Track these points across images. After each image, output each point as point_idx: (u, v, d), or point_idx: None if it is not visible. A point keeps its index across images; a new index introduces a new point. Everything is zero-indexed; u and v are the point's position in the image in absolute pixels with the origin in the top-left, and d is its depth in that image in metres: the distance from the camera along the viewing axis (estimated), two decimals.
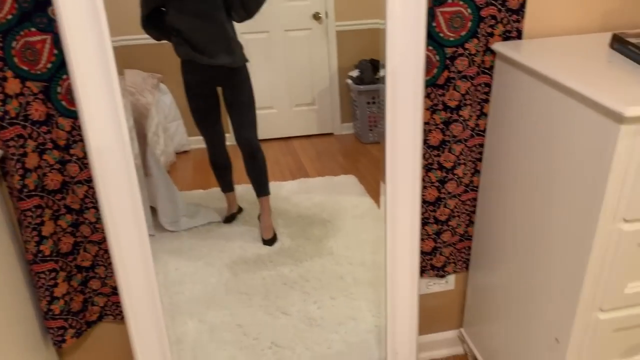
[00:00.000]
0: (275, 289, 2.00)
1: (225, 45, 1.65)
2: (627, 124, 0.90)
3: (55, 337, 1.30)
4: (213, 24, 1.61)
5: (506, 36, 1.26)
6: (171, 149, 2.62)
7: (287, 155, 2.67)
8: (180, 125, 2.56)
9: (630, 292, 1.07)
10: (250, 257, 2.18)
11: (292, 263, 2.13)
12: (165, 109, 2.57)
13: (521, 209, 1.24)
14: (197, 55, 1.66)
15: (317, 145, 2.70)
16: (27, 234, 1.17)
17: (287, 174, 2.58)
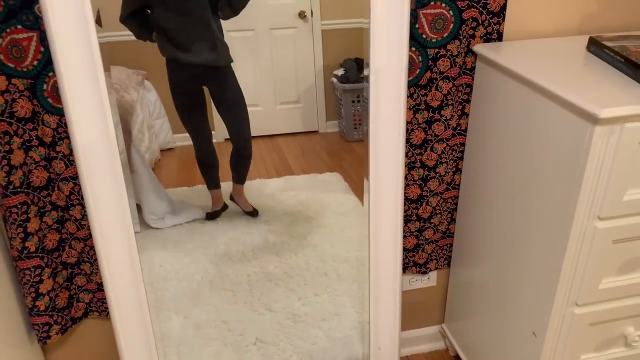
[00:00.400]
0: (260, 286, 2.01)
1: (211, 43, 1.65)
2: (602, 125, 0.94)
3: (41, 333, 1.30)
4: (199, 22, 1.61)
5: (487, 38, 1.29)
6: (156, 146, 2.61)
7: (273, 153, 2.68)
8: (165, 122, 2.56)
9: (605, 287, 1.11)
10: (235, 254, 2.19)
11: (276, 260, 2.14)
12: (150, 106, 2.56)
13: (500, 207, 1.27)
14: (182, 54, 1.66)
15: (302, 143, 2.71)
16: (13, 231, 1.17)
17: (272, 172, 2.58)
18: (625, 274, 1.11)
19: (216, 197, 2.23)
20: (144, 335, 1.38)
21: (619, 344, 1.20)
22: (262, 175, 2.54)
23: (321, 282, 1.99)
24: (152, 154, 2.54)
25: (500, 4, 1.26)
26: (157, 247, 2.18)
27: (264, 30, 2.09)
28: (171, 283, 1.99)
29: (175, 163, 2.62)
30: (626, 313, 1.15)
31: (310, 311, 1.86)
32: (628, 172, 0.99)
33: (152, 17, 1.56)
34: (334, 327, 1.78)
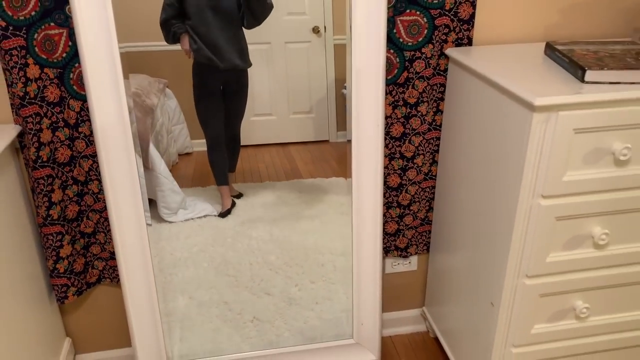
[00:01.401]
0: (261, 273, 2.17)
1: (238, 49, 1.83)
2: (538, 112, 1.09)
3: (59, 293, 1.48)
4: (230, 30, 1.79)
5: (458, 43, 1.46)
6: (174, 149, 2.80)
7: (284, 159, 2.85)
8: (184, 128, 2.75)
9: (552, 261, 1.24)
10: (241, 246, 2.35)
11: (278, 252, 2.30)
12: (169, 112, 2.76)
13: (470, 196, 1.42)
14: (215, 58, 1.85)
15: (312, 151, 2.87)
16: (39, 200, 1.37)
17: (282, 176, 2.76)
18: (570, 250, 1.24)
19: (225, 194, 2.40)
20: (149, 301, 1.56)
21: (569, 316, 1.33)
22: (272, 179, 2.71)
23: (318, 271, 2.14)
24: (170, 156, 2.73)
25: (470, 13, 1.42)
26: (170, 238, 2.36)
27: (279, 44, 2.22)
28: (180, 269, 2.16)
29: (192, 166, 2.81)
30: (574, 286, 1.28)
31: (304, 296, 2.01)
32: (566, 156, 1.13)
33: (189, 23, 1.75)
34: (325, 310, 1.93)
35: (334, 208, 2.64)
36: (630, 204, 1.20)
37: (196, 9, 1.74)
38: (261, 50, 2.17)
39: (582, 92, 1.09)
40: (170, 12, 1.74)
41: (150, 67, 2.54)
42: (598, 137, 1.13)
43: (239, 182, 2.45)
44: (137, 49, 2.33)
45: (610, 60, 1.18)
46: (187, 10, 1.74)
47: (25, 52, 1.25)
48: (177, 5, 1.73)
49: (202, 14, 1.75)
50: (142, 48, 2.29)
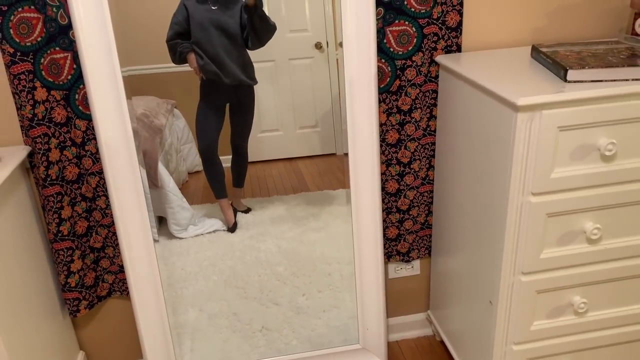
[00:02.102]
0: (269, 284, 2.21)
1: (243, 67, 1.89)
2: (522, 112, 1.13)
3: (71, 307, 1.53)
4: (235, 50, 1.86)
5: (448, 50, 1.50)
6: (183, 168, 2.87)
7: (291, 173, 2.90)
8: (193, 147, 2.81)
9: (546, 257, 1.27)
10: (249, 258, 2.40)
11: (286, 263, 2.34)
12: (178, 132, 2.83)
13: (466, 198, 1.45)
14: (221, 75, 1.91)
15: (319, 164, 2.92)
16: (50, 217, 1.42)
17: (290, 190, 2.80)
18: (564, 245, 1.27)
19: (225, 206, 2.44)
20: (158, 312, 1.60)
21: (568, 312, 1.35)
22: (280, 193, 2.76)
23: (325, 281, 2.18)
24: (179, 175, 2.80)
25: (457, 20, 1.47)
26: (181, 254, 2.41)
27: (283, 61, 2.27)
28: (190, 283, 2.21)
29: (201, 184, 2.87)
30: (571, 282, 1.31)
31: (312, 304, 2.04)
32: (552, 153, 1.17)
33: (194, 42, 1.81)
34: (333, 317, 1.96)
35: (340, 218, 2.67)
36: (620, 198, 1.23)
37: (201, 28, 1.81)
38: (266, 67, 2.22)
39: (564, 90, 1.12)
40: (177, 29, 1.81)
41: (158, 89, 2.61)
42: (583, 133, 1.16)
43: (247, 197, 2.50)
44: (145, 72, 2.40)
45: (592, 59, 1.22)
46: (192, 29, 1.81)
47: (33, 76, 1.32)
48: (184, 24, 1.80)
49: (206, 33, 1.82)
50: (150, 70, 2.37)
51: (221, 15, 1.81)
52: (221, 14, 1.81)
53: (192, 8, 1.78)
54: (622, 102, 1.14)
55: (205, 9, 1.80)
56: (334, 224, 2.63)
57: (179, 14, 1.76)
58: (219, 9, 1.81)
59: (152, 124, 2.60)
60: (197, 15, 1.80)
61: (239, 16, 1.79)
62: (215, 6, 1.81)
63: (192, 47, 1.85)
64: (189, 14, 1.79)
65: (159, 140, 2.58)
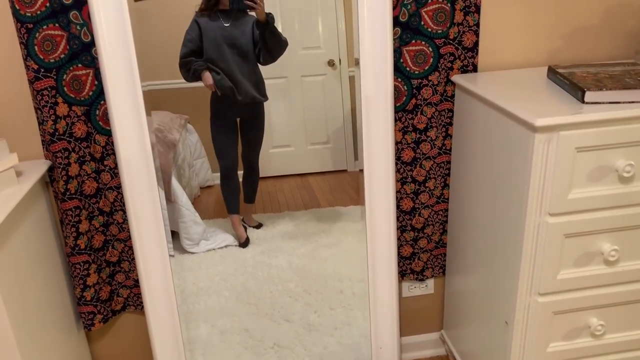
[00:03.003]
0: (281, 301, 2.20)
1: (255, 83, 1.91)
2: (540, 133, 1.13)
3: (86, 321, 1.54)
4: (247, 66, 1.88)
5: (464, 69, 1.51)
6: (196, 183, 2.89)
7: (302, 190, 2.91)
8: (205, 162, 2.84)
9: (563, 277, 1.26)
10: (261, 274, 2.40)
11: (297, 280, 2.33)
12: (191, 146, 2.86)
13: (482, 218, 1.45)
14: (236, 92, 1.93)
15: (330, 181, 2.93)
16: (67, 230, 1.44)
17: (301, 206, 2.81)
18: (581, 267, 1.26)
19: (237, 222, 2.44)
20: (172, 327, 1.60)
21: (585, 334, 1.34)
22: (291, 209, 2.77)
23: (337, 298, 2.17)
24: (192, 189, 2.82)
25: (473, 41, 1.48)
26: (192, 269, 2.41)
27: (295, 78, 2.29)
28: (202, 298, 2.21)
29: (214, 198, 2.88)
30: (588, 303, 1.30)
31: (324, 322, 2.03)
32: (569, 174, 1.17)
33: (208, 59, 1.83)
34: (345, 335, 1.95)
35: (352, 235, 2.67)
36: (638, 220, 1.22)
37: (214, 45, 1.83)
38: (278, 84, 2.24)
39: (582, 112, 1.13)
40: (190, 47, 1.83)
41: (172, 104, 2.64)
42: (600, 155, 1.16)
43: (259, 213, 2.51)
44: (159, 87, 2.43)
45: (610, 81, 1.22)
46: (205, 47, 1.83)
47: (55, 92, 1.34)
48: (198, 41, 1.82)
49: (219, 49, 1.84)
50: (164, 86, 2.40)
51: (233, 31, 1.83)
52: (233, 30, 1.83)
53: (205, 25, 1.80)
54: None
55: (218, 25, 1.82)
56: (346, 241, 2.63)
57: (191, 31, 1.79)
58: (231, 25, 1.83)
59: (166, 139, 2.62)
60: (209, 33, 1.82)
61: (250, 32, 1.81)
62: (227, 23, 1.83)
63: (207, 66, 1.88)
64: (201, 31, 1.81)
65: (172, 155, 2.60)
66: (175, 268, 1.99)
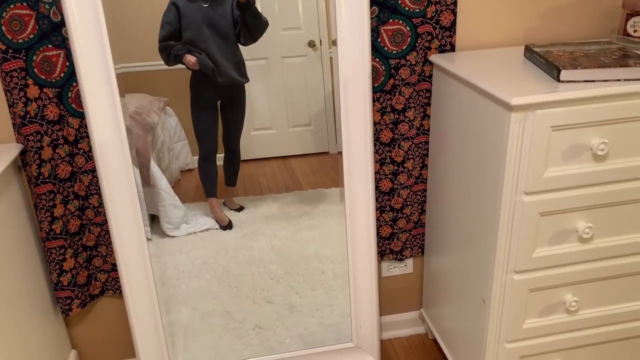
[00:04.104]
0: (262, 283, 2.20)
1: (236, 65, 1.88)
2: (516, 112, 1.13)
3: (64, 306, 1.53)
4: (227, 48, 1.85)
5: (441, 49, 1.51)
6: (176, 166, 2.86)
7: (284, 172, 2.90)
8: (185, 145, 2.80)
9: (538, 255, 1.28)
10: (242, 257, 2.39)
11: (279, 262, 2.33)
12: (170, 130, 2.82)
13: (459, 197, 1.46)
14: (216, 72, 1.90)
15: (312, 163, 2.92)
16: (42, 215, 1.42)
17: (283, 188, 2.80)
18: (556, 244, 1.28)
19: (214, 205, 2.42)
20: (151, 310, 1.60)
21: (560, 310, 1.36)
22: (273, 191, 2.76)
23: (318, 279, 2.18)
24: (172, 173, 2.79)
25: (451, 20, 1.47)
26: (173, 252, 2.40)
27: (276, 59, 2.26)
28: (183, 281, 2.20)
29: (194, 182, 2.86)
30: (563, 280, 1.32)
31: (305, 303, 2.04)
32: (545, 153, 1.17)
33: (187, 40, 1.79)
34: (326, 316, 1.96)
35: (333, 217, 2.68)
36: (612, 198, 1.24)
37: (193, 26, 1.80)
38: (259, 65, 2.21)
39: (557, 90, 1.13)
40: (169, 29, 1.79)
41: (150, 86, 2.60)
42: (575, 133, 1.17)
43: (240, 196, 2.50)
44: (137, 69, 2.39)
45: (585, 59, 1.22)
46: (184, 28, 1.80)
47: (25, 74, 1.31)
48: (176, 24, 1.79)
49: (199, 31, 1.81)
50: (142, 68, 2.35)
51: (213, 12, 1.80)
52: (212, 11, 1.79)
53: (184, 6, 1.77)
54: (614, 102, 1.14)
55: (197, 7, 1.79)
56: (328, 223, 2.64)
57: (169, 13, 1.75)
58: (210, 6, 1.80)
59: (144, 122, 2.59)
60: (188, 14, 1.78)
61: (230, 12, 1.78)
62: (206, 3, 1.79)
63: (187, 49, 1.85)
64: (180, 13, 1.78)
65: (151, 138, 2.56)
66: (156, 252, 1.97)
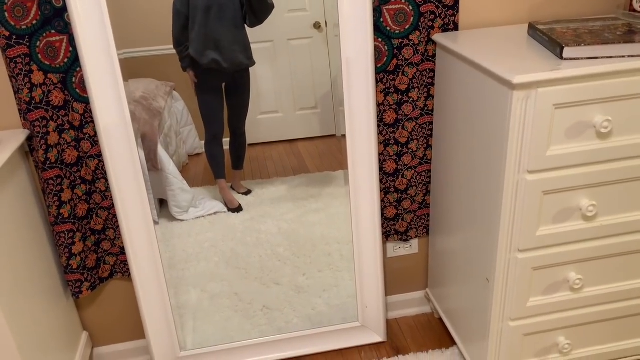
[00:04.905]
0: (270, 265, 2.23)
1: (243, 48, 1.89)
2: (518, 90, 1.13)
3: (74, 289, 1.55)
4: (234, 31, 1.85)
5: (445, 28, 1.49)
6: (184, 151, 2.88)
7: (291, 156, 2.90)
8: (193, 130, 2.82)
9: (542, 234, 1.28)
10: (250, 240, 2.41)
11: (286, 244, 2.35)
12: (177, 114, 2.83)
13: (464, 178, 1.46)
14: (221, 60, 1.91)
15: (319, 146, 2.92)
16: (50, 200, 1.44)
17: (290, 172, 2.81)
18: (560, 223, 1.28)
19: (223, 187, 2.44)
20: (159, 293, 1.62)
21: (564, 288, 1.36)
22: (280, 175, 2.77)
23: (325, 261, 2.20)
24: (180, 157, 2.81)
25: None
26: (182, 235, 2.42)
27: (282, 41, 2.25)
28: (192, 264, 2.23)
29: (202, 166, 2.87)
30: (566, 258, 1.32)
31: (312, 284, 2.06)
32: (548, 131, 1.17)
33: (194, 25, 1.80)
34: (332, 296, 1.98)
35: (340, 199, 2.68)
36: (615, 175, 1.23)
37: (200, 11, 1.79)
38: (264, 48, 2.20)
39: (560, 68, 1.12)
40: (182, 19, 1.80)
41: (157, 71, 2.60)
42: (579, 111, 1.16)
43: (247, 180, 2.51)
44: (143, 54, 2.39)
45: (589, 36, 1.21)
46: (191, 14, 1.80)
47: (29, 60, 1.32)
48: (184, 10, 1.79)
49: (206, 15, 1.81)
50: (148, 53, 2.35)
51: None
52: None
53: None
54: (618, 79, 1.14)
55: None
56: (334, 205, 2.65)
57: (177, 1, 1.76)
58: None
59: (151, 107, 2.60)
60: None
61: None
62: None
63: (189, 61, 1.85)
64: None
65: (158, 123, 2.58)
66: (165, 235, 2.00)
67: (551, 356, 1.45)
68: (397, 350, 1.78)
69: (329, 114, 2.89)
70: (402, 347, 1.79)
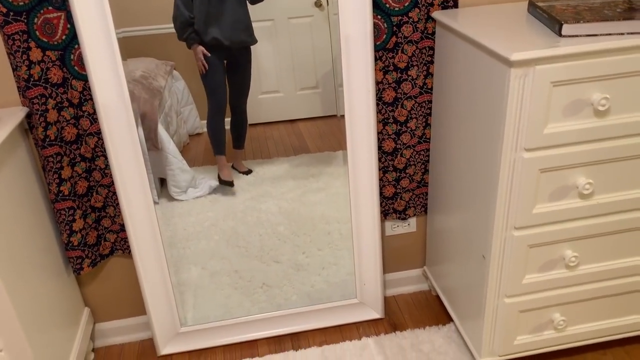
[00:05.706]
0: (270, 243, 2.24)
1: (245, 26, 1.88)
2: (516, 67, 1.13)
3: (75, 265, 1.57)
4: (236, 8, 1.84)
5: (444, 5, 1.48)
6: (184, 131, 2.88)
7: (292, 135, 2.90)
8: (193, 109, 2.81)
9: (538, 212, 1.29)
10: (250, 219, 2.43)
11: (286, 223, 2.37)
12: (178, 93, 2.83)
13: (462, 156, 1.46)
14: (222, 39, 1.90)
15: (320, 126, 2.92)
16: (50, 177, 1.45)
17: (291, 152, 2.82)
18: (556, 200, 1.29)
19: (222, 163, 2.45)
20: (159, 269, 1.64)
21: (559, 265, 1.38)
22: (281, 155, 2.78)
23: (325, 239, 2.21)
24: (180, 137, 2.81)
25: None
26: (182, 215, 2.44)
27: (282, 20, 2.23)
28: (192, 242, 2.25)
29: (203, 146, 2.88)
30: (562, 236, 1.33)
31: (312, 262, 2.08)
32: (545, 109, 1.17)
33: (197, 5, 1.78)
34: (332, 274, 2.00)
35: (340, 179, 2.69)
36: (612, 154, 1.24)
37: None
38: (265, 27, 2.18)
39: (558, 45, 1.12)
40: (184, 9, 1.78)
41: (157, 50, 2.58)
42: (576, 89, 1.16)
43: (248, 159, 2.52)
44: (142, 33, 2.38)
45: (588, 13, 1.20)
46: None
47: (27, 36, 1.32)
48: None
49: None
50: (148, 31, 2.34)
51: None
52: None
53: None
54: (616, 57, 1.13)
55: None
56: (334, 185, 2.65)
57: None
58: None
59: (151, 86, 2.59)
60: None
61: None
62: None
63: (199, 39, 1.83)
64: None
65: (158, 102, 2.57)
66: (165, 214, 2.01)
67: (546, 332, 1.47)
68: (394, 326, 1.80)
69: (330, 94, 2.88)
70: (400, 323, 1.81)
